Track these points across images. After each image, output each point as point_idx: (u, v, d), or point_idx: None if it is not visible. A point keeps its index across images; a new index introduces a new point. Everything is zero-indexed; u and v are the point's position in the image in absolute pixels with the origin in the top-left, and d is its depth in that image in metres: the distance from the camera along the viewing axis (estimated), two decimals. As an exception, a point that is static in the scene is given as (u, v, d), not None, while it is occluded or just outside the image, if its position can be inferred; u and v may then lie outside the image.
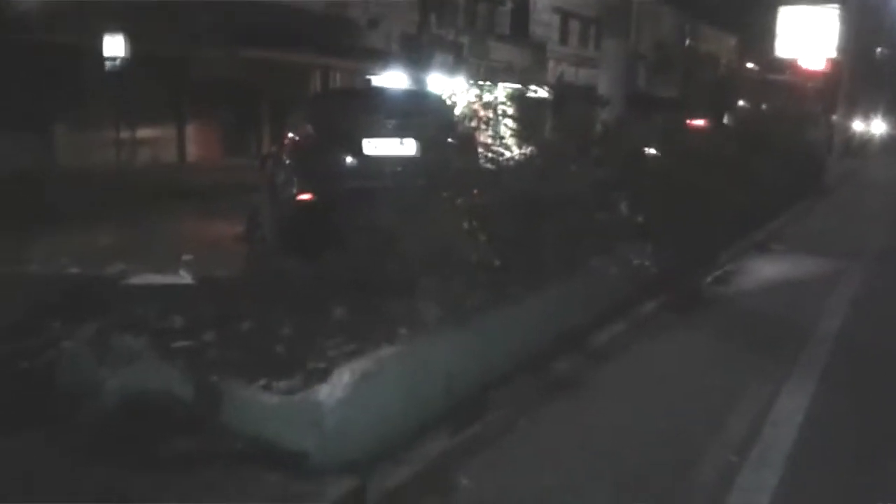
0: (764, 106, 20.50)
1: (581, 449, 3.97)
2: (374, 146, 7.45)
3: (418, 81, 18.95)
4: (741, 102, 28.36)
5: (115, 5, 14.94)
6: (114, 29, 13.83)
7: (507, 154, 6.18)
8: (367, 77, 21.28)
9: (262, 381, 3.53)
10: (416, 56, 20.31)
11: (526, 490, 3.53)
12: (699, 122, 16.90)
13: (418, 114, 7.90)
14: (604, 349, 5.44)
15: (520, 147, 6.50)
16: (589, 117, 8.52)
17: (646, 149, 8.03)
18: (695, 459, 3.92)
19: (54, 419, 3.61)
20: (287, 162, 7.91)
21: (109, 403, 3.65)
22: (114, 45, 13.83)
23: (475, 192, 5.04)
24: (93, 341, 3.99)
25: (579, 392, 4.71)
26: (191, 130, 19.74)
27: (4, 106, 15.70)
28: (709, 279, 7.96)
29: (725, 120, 19.87)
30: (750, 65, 40.12)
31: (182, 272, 7.54)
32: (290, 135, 8.21)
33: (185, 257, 8.20)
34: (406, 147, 7.29)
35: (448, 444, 3.77)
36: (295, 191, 7.32)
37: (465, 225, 4.69)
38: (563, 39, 32.92)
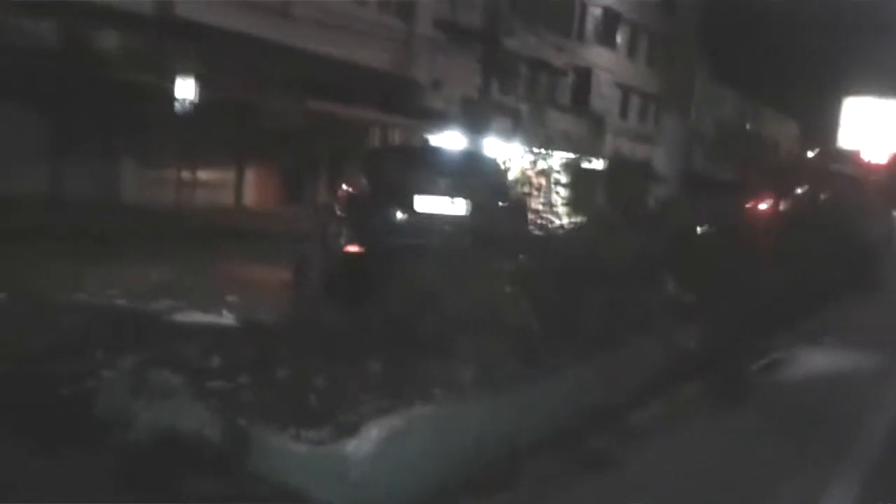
0: (823, 195, 20.21)
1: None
2: (425, 204, 7.54)
3: (475, 144, 19.22)
4: (800, 190, 28.03)
5: (191, 49, 15.60)
6: (186, 72, 14.40)
7: (557, 222, 6.19)
8: (425, 137, 21.67)
9: (293, 430, 3.53)
10: (475, 119, 20.63)
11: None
12: (756, 206, 16.71)
13: (472, 175, 7.99)
14: (640, 430, 5.29)
15: (570, 216, 6.51)
16: (643, 192, 8.51)
17: (698, 228, 7.96)
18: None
19: (88, 445, 3.65)
20: (339, 213, 8.04)
21: (141, 436, 3.67)
22: (185, 88, 14.38)
23: (521, 256, 5.03)
24: (131, 373, 4.05)
25: (611, 471, 4.56)
26: (250, 176, 20.26)
27: (78, 138, 16.39)
28: (755, 366, 7.74)
29: (783, 206, 19.62)
30: (811, 153, 39.74)
31: (225, 313, 7.65)
32: (345, 187, 8.36)
33: (230, 298, 8.33)
34: (457, 206, 7.35)
35: (473, 510, 3.69)
36: (344, 242, 7.42)
37: (509, 290, 4.68)
38: (623, 113, 33.13)
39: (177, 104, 14.51)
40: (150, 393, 3.87)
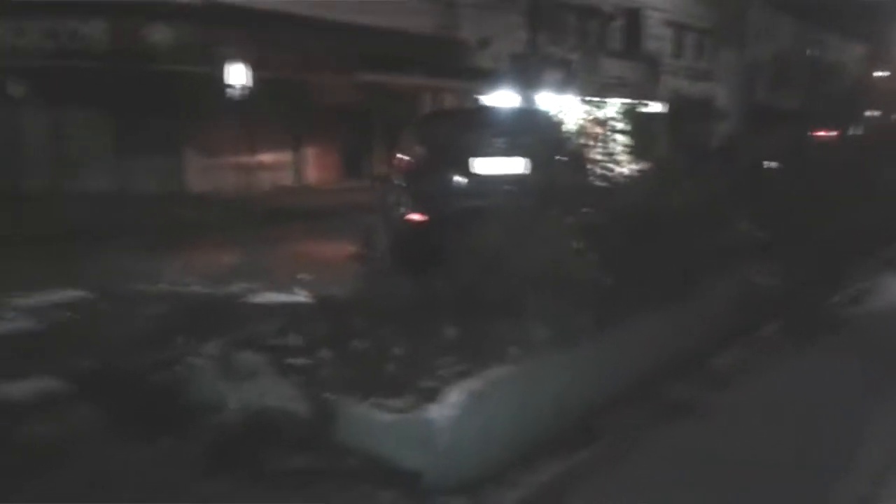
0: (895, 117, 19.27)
1: (699, 477, 3.78)
2: (483, 165, 7.48)
3: (528, 100, 18.94)
4: (870, 113, 26.78)
5: (238, 35, 15.75)
6: (237, 57, 14.56)
7: (619, 171, 6.06)
8: (477, 97, 21.46)
9: (375, 400, 3.59)
10: (526, 75, 20.32)
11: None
12: (824, 134, 16.06)
13: (527, 132, 7.87)
14: (722, 374, 5.21)
15: (632, 163, 6.36)
16: (706, 131, 8.25)
17: (767, 162, 7.69)
18: (825, 492, 3.68)
19: (180, 429, 3.79)
20: (398, 183, 8.04)
21: (230, 417, 3.79)
22: (237, 74, 14.54)
23: (586, 210, 4.95)
24: (215, 357, 4.17)
25: (696, 418, 4.50)
26: (307, 154, 20.47)
27: (139, 132, 16.83)
28: (837, 299, 7.50)
29: (852, 131, 18.81)
30: (880, 73, 37.86)
31: (298, 291, 7.80)
32: (401, 156, 8.36)
33: (302, 277, 8.48)
34: (515, 166, 7.27)
35: (559, 467, 3.70)
36: (406, 211, 7.43)
37: (576, 244, 4.62)
38: (677, 53, 32.11)
39: (231, 90, 14.71)
40: (236, 374, 3.98)
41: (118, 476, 3.34)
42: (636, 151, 6.50)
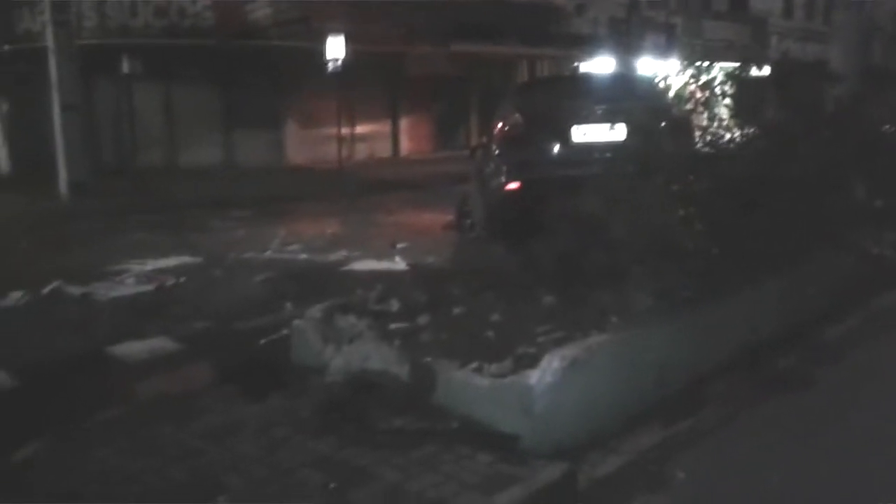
0: None
1: (807, 450, 3.65)
2: (582, 133, 7.35)
3: (628, 65, 18.45)
4: None
5: (336, 9, 15.98)
6: (335, 31, 14.78)
7: (726, 137, 5.84)
8: (575, 64, 21.06)
9: (474, 365, 3.63)
10: (626, 39, 19.78)
11: (745, 489, 3.28)
12: (951, 96, 14.94)
13: (628, 98, 7.67)
14: (833, 346, 4.98)
15: (740, 129, 6.10)
16: (818, 94, 7.83)
17: (885, 127, 7.24)
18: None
19: (288, 391, 3.95)
20: (495, 151, 8.01)
21: (334, 379, 3.92)
22: (335, 47, 14.77)
23: (691, 177, 4.81)
24: (319, 321, 4.30)
25: (803, 390, 4.33)
26: (404, 125, 20.66)
27: (243, 107, 17.39)
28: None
29: None
30: None
31: (397, 259, 7.93)
32: (499, 125, 8.32)
33: (400, 245, 8.62)
34: (616, 133, 7.11)
35: (661, 435, 3.65)
36: (503, 180, 7.40)
37: (681, 212, 4.50)
38: (787, 13, 30.50)
39: (330, 63, 14.97)
40: (339, 338, 4.10)
41: (235, 432, 3.51)
42: (744, 116, 6.22)
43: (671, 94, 9.76)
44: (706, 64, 10.90)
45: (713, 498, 3.16)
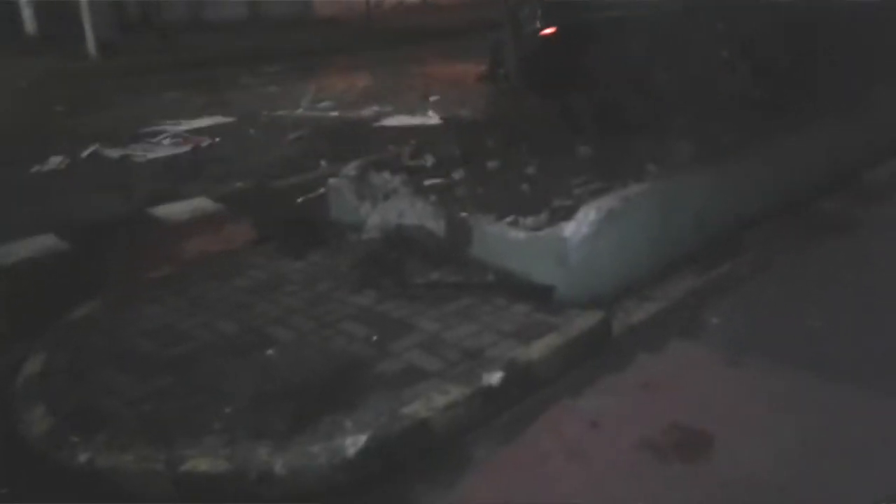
0: None
1: (848, 290, 3.61)
2: (622, -30, 6.94)
3: None
4: None
5: None
6: None
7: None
8: None
9: (510, 218, 3.63)
10: None
11: (783, 331, 3.28)
12: None
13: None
14: (878, 189, 4.86)
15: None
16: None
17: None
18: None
19: (327, 247, 4.02)
20: (531, -6, 7.63)
21: (371, 235, 3.96)
22: None
23: (737, 14, 4.55)
24: (355, 179, 4.30)
25: (847, 232, 4.27)
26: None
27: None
28: None
29: None
30: None
31: (430, 112, 7.80)
32: (534, -35, 7.87)
33: (432, 98, 8.45)
34: (657, -31, 6.69)
35: (696, 282, 3.67)
36: (538, 24, 7.09)
37: (725, 54, 4.29)
38: None
39: None
40: (374, 195, 4.11)
41: (279, 287, 3.61)
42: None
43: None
44: None
45: (746, 342, 3.18)
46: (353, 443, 2.44)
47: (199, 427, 2.55)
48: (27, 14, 14.63)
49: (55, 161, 6.53)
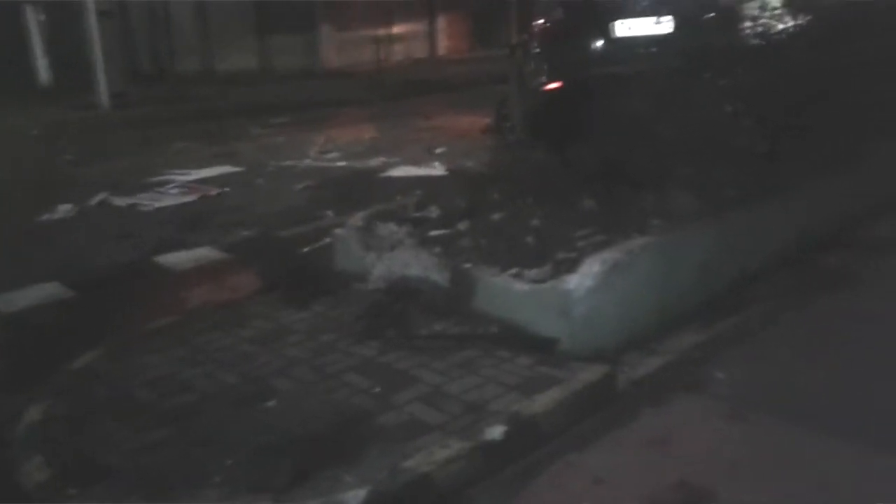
0: None
1: (851, 346, 3.60)
2: (626, 27, 7.05)
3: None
4: None
5: None
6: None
7: (778, 27, 5.55)
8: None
9: (514, 270, 3.63)
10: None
11: (788, 387, 3.27)
12: None
13: (672, -12, 7.31)
14: (883, 244, 4.85)
15: (793, 18, 5.78)
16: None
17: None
18: None
19: (332, 298, 4.03)
20: (535, 49, 7.75)
21: (376, 286, 3.96)
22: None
23: (739, 70, 4.61)
24: (361, 229, 4.33)
25: (850, 288, 4.26)
26: (441, 24, 20.13)
27: (277, 11, 17.03)
28: None
29: None
30: None
31: (436, 164, 7.88)
32: (539, 21, 8.02)
33: (438, 150, 8.54)
34: (662, 26, 6.81)
35: (701, 336, 3.65)
36: (543, 79, 7.19)
37: (729, 108, 4.33)
38: None
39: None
40: (380, 246, 4.13)
41: (282, 337, 3.61)
42: (796, 4, 5.89)
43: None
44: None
45: (752, 398, 3.16)
46: (354, 497, 2.41)
47: (198, 479, 2.52)
48: (42, 64, 14.92)
49: (64, 209, 6.59)
